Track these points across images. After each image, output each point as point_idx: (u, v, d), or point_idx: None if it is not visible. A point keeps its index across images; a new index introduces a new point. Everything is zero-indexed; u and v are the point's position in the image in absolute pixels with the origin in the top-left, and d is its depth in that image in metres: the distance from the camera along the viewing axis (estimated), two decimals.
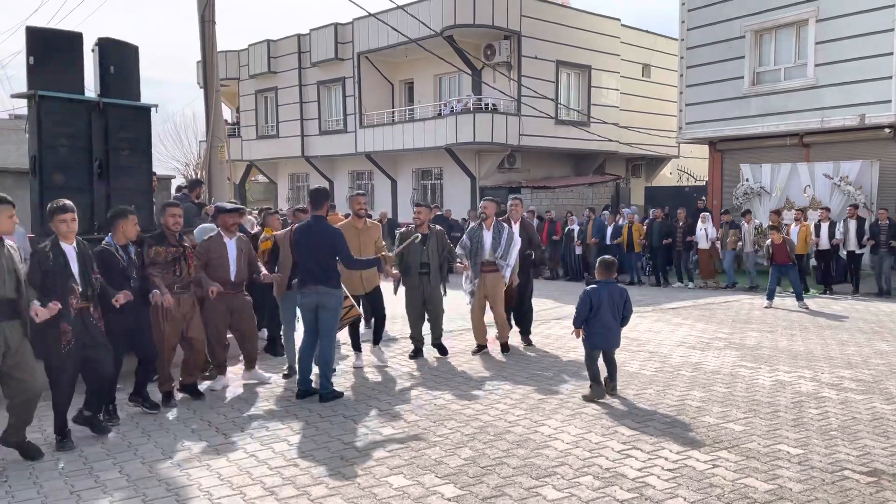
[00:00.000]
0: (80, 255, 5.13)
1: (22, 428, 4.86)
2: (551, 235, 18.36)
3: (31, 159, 7.31)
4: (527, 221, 8.82)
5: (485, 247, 8.09)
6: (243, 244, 6.81)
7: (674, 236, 15.84)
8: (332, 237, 6.45)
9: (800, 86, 17.06)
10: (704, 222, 15.64)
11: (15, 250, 4.77)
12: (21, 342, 4.70)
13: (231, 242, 6.69)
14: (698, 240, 15.64)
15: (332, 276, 6.47)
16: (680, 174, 27.35)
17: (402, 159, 25.16)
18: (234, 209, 6.94)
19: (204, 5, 11.40)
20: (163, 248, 6.06)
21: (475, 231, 8.23)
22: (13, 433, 4.85)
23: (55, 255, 4.97)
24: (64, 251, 5.03)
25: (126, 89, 7.87)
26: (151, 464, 4.84)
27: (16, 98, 9.09)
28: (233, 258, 6.65)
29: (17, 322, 4.66)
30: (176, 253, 6.13)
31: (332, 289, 6.45)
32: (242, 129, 30.36)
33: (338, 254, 6.46)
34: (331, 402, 6.29)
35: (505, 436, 5.32)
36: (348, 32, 25.19)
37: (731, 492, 4.25)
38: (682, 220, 15.97)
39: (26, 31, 7.30)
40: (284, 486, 4.44)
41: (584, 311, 6.38)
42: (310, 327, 6.53)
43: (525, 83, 21.53)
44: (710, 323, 10.46)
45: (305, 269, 6.49)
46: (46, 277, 4.91)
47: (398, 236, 8.16)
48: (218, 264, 6.56)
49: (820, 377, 7.06)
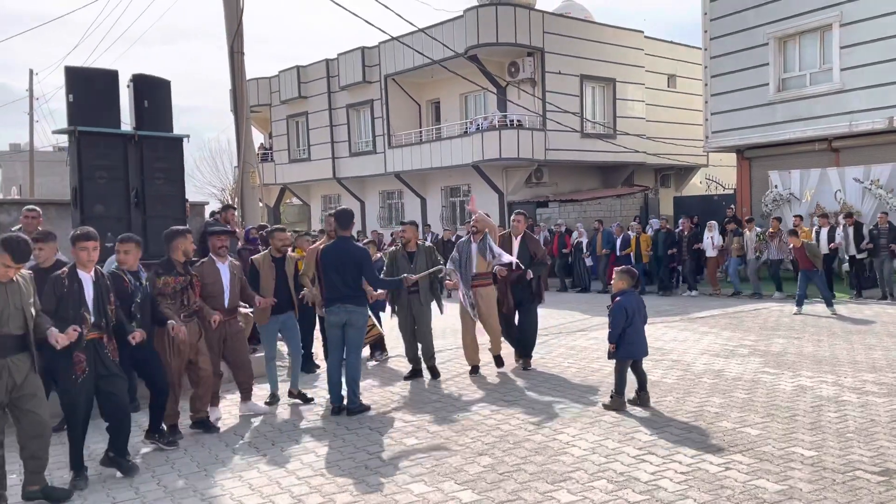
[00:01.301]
0: (97, 285, 5.01)
1: (40, 472, 4.67)
2: (561, 248, 18.60)
3: (73, 191, 7.73)
4: (530, 236, 8.57)
5: (473, 260, 8.01)
6: (236, 269, 6.63)
7: (679, 245, 16.02)
8: (359, 257, 6.66)
9: (826, 90, 16.98)
10: (711, 231, 15.78)
11: (29, 282, 4.64)
12: (28, 375, 4.54)
13: (224, 267, 6.49)
14: (705, 248, 15.77)
15: (359, 295, 6.68)
16: (708, 183, 27.19)
17: (430, 178, 25.51)
18: (222, 231, 6.77)
19: (233, 37, 11.86)
20: (171, 277, 5.90)
21: (463, 245, 8.16)
22: (33, 480, 4.65)
23: (70, 282, 4.88)
24: (80, 279, 4.93)
25: (160, 121, 8.29)
26: (187, 476, 5.12)
27: (57, 133, 9.59)
28: (226, 283, 6.45)
29: (24, 355, 4.52)
30: (184, 282, 5.98)
31: (359, 307, 6.68)
32: (275, 154, 31.06)
33: (364, 273, 6.67)
34: (357, 415, 6.53)
35: (524, 444, 5.48)
36: (375, 56, 25.72)
37: (741, 493, 4.36)
38: (686, 230, 16.15)
39: (65, 70, 7.76)
40: (311, 494, 4.68)
41: (620, 323, 6.36)
42: (337, 345, 6.73)
43: (549, 98, 21.73)
44: (737, 331, 10.47)
45: (332, 288, 6.65)
46: (60, 304, 4.82)
47: (388, 256, 8.12)
48: (212, 291, 6.35)
49: (842, 381, 7.09)
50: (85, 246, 4.98)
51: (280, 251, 7.16)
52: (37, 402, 4.59)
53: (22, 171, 48.43)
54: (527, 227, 8.67)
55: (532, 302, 8.36)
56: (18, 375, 4.47)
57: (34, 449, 4.60)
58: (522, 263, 8.16)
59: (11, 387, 4.45)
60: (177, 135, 8.41)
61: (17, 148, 55.66)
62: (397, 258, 7.88)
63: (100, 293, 5.00)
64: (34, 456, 4.61)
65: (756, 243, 15.13)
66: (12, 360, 4.45)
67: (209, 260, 6.51)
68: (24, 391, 4.50)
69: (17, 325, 4.46)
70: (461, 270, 8.04)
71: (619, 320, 6.36)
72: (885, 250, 13.44)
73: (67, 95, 7.66)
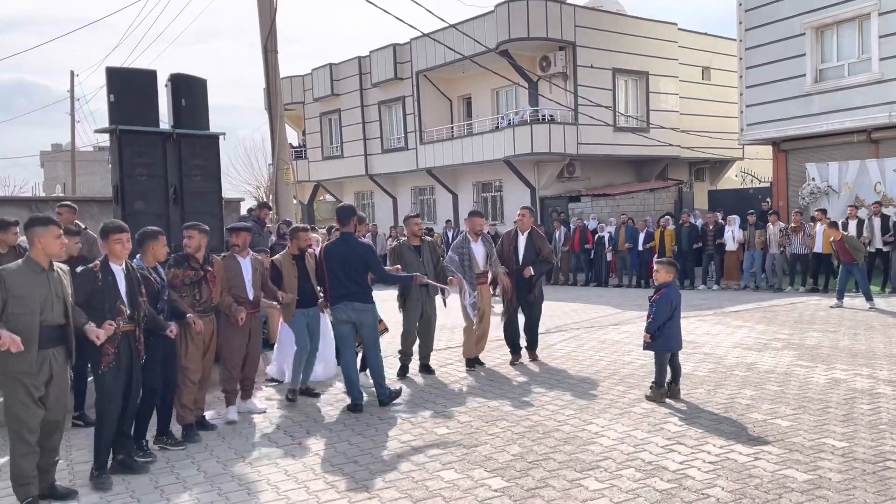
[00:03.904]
0: (129, 277, 4.97)
1: (50, 469, 4.61)
2: (583, 243, 18.60)
3: (114, 188, 7.97)
4: (536, 232, 8.42)
5: (476, 259, 7.95)
6: (257, 263, 6.64)
7: (704, 240, 16.08)
8: (364, 253, 6.57)
9: (865, 81, 16.64)
10: (731, 225, 15.77)
11: (66, 274, 4.64)
12: (64, 369, 4.56)
13: (245, 261, 6.52)
14: (726, 241, 15.80)
15: (366, 292, 6.58)
16: (743, 176, 26.80)
17: (462, 173, 25.58)
18: (241, 227, 6.71)
19: (266, 36, 12.07)
20: (181, 270, 5.85)
21: (461, 245, 8.03)
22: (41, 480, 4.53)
23: (104, 275, 4.84)
24: (113, 272, 4.89)
25: (197, 119, 8.49)
26: (225, 462, 5.29)
27: (99, 133, 9.86)
28: (248, 277, 6.48)
29: (61, 348, 4.51)
30: (195, 276, 5.89)
31: (367, 304, 6.58)
32: (309, 151, 31.41)
33: (370, 268, 6.61)
34: (389, 405, 6.62)
35: (553, 433, 5.55)
36: (406, 52, 25.85)
37: (769, 482, 4.38)
38: (711, 224, 16.18)
39: (106, 71, 8.00)
40: (344, 479, 4.81)
41: (665, 315, 6.38)
42: (348, 342, 6.64)
43: (581, 93, 21.64)
44: (771, 324, 10.37)
45: (338, 286, 6.54)
46: (94, 297, 4.78)
47: (392, 251, 8.10)
48: (235, 283, 6.38)
49: (877, 374, 7.01)
50: (119, 238, 4.94)
51: (300, 249, 7.12)
52: (63, 395, 4.58)
53: (63, 170, 49.77)
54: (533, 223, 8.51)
55: (539, 297, 8.36)
56: (56, 367, 4.47)
57: (55, 441, 4.58)
58: (528, 260, 8.16)
59: (48, 378, 4.42)
60: (213, 132, 8.61)
61: (58, 148, 57.18)
62: (403, 252, 7.81)
63: (132, 286, 4.97)
64: (53, 448, 4.58)
65: (780, 237, 15.00)
66: (54, 351, 4.44)
67: (230, 255, 6.54)
68: (56, 384, 4.47)
69: (59, 315, 4.45)
70: (464, 271, 7.90)
71: (663, 312, 6.38)
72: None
73: (109, 95, 7.89)
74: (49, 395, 4.45)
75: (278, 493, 4.63)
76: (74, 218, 7.42)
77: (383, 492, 4.55)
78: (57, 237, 4.50)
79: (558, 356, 8.68)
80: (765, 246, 15.16)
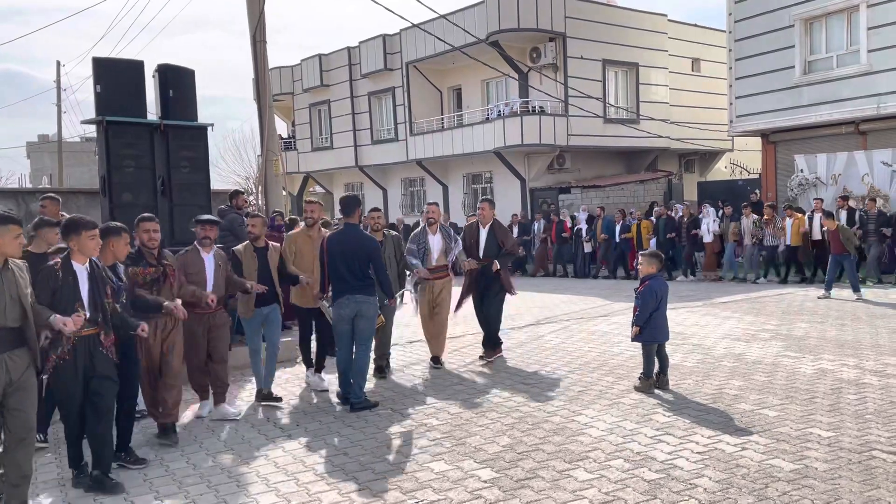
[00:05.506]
0: (92, 277, 4.61)
1: (23, 485, 4.18)
2: (560, 233, 18.78)
3: (101, 180, 7.93)
4: (498, 224, 8.16)
5: (432, 252, 7.81)
6: (221, 259, 6.24)
7: (678, 231, 16.41)
8: (369, 247, 6.43)
9: (853, 73, 16.72)
10: (707, 217, 16.03)
11: (24, 272, 4.21)
12: (26, 372, 4.16)
13: (209, 257, 6.15)
14: (702, 233, 16.09)
15: (368, 284, 6.39)
16: (733, 168, 26.91)
17: (452, 165, 25.55)
18: (207, 220, 6.33)
19: (255, 26, 11.97)
20: (140, 268, 5.49)
21: (419, 236, 7.89)
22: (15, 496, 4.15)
23: (64, 275, 4.49)
24: (74, 271, 4.54)
25: (185, 110, 8.45)
26: (215, 455, 5.28)
27: (85, 124, 9.79)
28: (210, 273, 6.11)
29: (21, 350, 4.13)
30: (154, 273, 5.56)
31: (369, 297, 6.40)
32: (298, 142, 31.28)
33: (372, 262, 6.41)
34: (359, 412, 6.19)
35: (542, 425, 5.57)
36: (396, 43, 25.74)
37: (756, 472, 4.42)
38: (686, 215, 16.51)
39: (93, 61, 7.94)
40: (334, 471, 4.81)
41: (651, 307, 6.42)
42: (347, 338, 6.44)
43: (571, 84, 21.62)
44: (760, 315, 10.44)
45: (339, 279, 6.36)
46: (54, 297, 4.42)
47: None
48: (195, 280, 6.01)
49: (864, 364, 7.08)
50: (92, 234, 4.61)
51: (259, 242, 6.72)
52: (27, 401, 4.16)
53: (50, 161, 49.31)
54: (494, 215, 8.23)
55: (499, 292, 8.09)
56: (15, 372, 4.08)
57: (20, 457, 4.13)
58: (490, 254, 7.96)
59: (7, 383, 4.05)
60: (201, 123, 8.58)
61: (45, 138, 56.69)
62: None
63: (96, 286, 4.61)
64: (17, 464, 4.13)
65: (752, 229, 15.15)
66: (10, 355, 4.06)
67: (193, 249, 6.18)
68: (17, 388, 4.09)
69: (13, 318, 4.06)
70: (422, 262, 7.75)
71: (649, 304, 6.43)
72: (874, 236, 13.38)
73: (95, 86, 7.84)
74: (9, 397, 4.08)
75: (268, 486, 4.63)
76: (59, 210, 7.34)
77: (373, 483, 4.56)
78: (16, 237, 4.12)
79: (547, 347, 8.70)
80: (738, 237, 15.39)
